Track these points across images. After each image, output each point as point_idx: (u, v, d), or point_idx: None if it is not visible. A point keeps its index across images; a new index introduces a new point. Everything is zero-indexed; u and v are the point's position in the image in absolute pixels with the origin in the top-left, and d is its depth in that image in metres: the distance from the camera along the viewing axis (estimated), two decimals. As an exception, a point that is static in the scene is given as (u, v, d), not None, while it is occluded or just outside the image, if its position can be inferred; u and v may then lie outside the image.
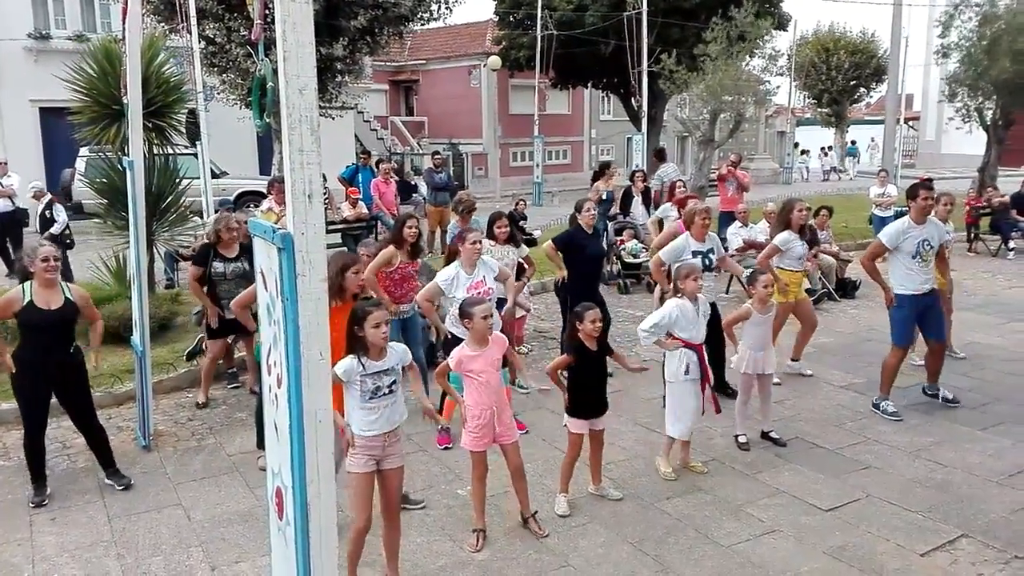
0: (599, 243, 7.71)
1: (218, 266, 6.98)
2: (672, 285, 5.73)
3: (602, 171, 13.77)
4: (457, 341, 5.89)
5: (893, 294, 6.56)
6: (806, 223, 7.59)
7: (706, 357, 5.57)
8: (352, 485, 4.12)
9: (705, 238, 6.81)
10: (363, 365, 4.01)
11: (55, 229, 11.20)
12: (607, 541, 4.76)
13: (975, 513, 4.99)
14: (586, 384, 5.06)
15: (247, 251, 7.09)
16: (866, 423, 6.49)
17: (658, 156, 14.60)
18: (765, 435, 6.16)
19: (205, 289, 7.00)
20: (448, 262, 6.34)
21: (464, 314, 4.69)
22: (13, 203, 12.33)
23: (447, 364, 4.76)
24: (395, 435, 4.16)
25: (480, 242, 6.09)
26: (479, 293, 5.88)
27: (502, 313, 6.44)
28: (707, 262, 6.76)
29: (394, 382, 4.11)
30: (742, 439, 6.06)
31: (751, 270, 6.45)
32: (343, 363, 4.00)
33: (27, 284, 5.32)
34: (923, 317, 6.63)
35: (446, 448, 6.06)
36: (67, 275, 10.49)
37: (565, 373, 5.12)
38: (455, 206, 8.91)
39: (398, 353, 4.19)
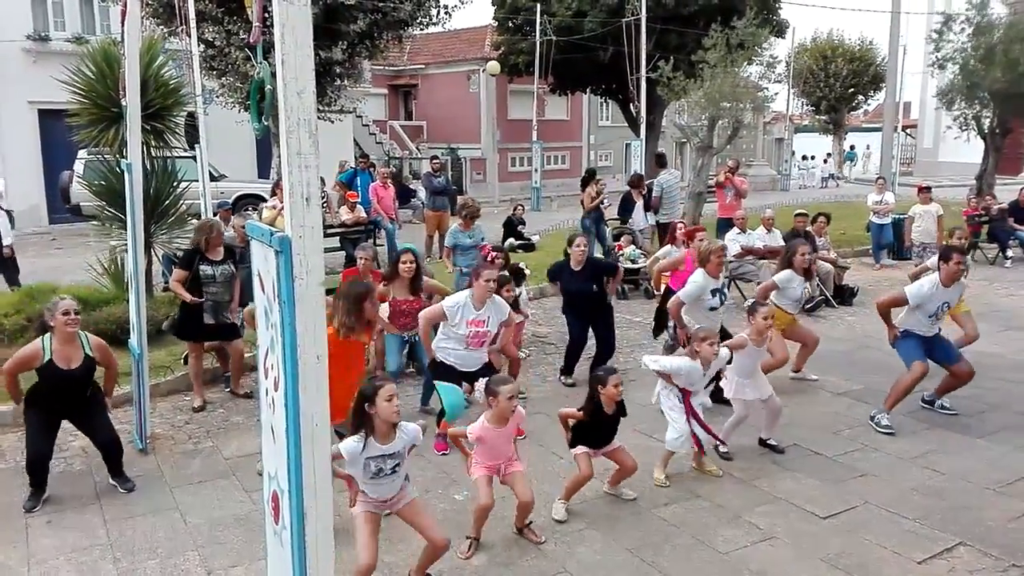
0: (583, 280, 7.49)
1: (207, 269, 7.01)
2: (687, 345, 5.66)
3: (591, 176, 13.84)
4: (441, 365, 5.90)
5: (899, 331, 6.57)
6: (810, 266, 7.52)
7: (695, 407, 5.54)
8: (356, 524, 4.04)
9: (719, 276, 6.86)
10: (367, 447, 3.93)
11: (5, 241, 10.81)
12: (604, 547, 4.75)
13: (973, 521, 4.98)
14: (592, 435, 5.09)
15: (231, 253, 7.26)
16: (863, 430, 6.49)
17: (658, 162, 14.62)
18: (763, 442, 6.15)
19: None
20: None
21: (490, 392, 4.63)
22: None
23: (463, 430, 4.78)
24: (399, 491, 4.13)
25: (494, 281, 5.99)
26: (478, 332, 5.89)
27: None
28: (722, 299, 6.87)
29: (398, 465, 4.05)
30: (723, 448, 6.00)
31: (751, 301, 6.43)
32: (347, 444, 3.93)
33: (46, 338, 5.25)
34: (930, 349, 6.59)
35: (443, 454, 6.04)
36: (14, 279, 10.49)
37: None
38: (459, 210, 8.93)
39: (409, 436, 4.09)
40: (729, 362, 5.84)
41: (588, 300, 7.53)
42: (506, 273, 7.13)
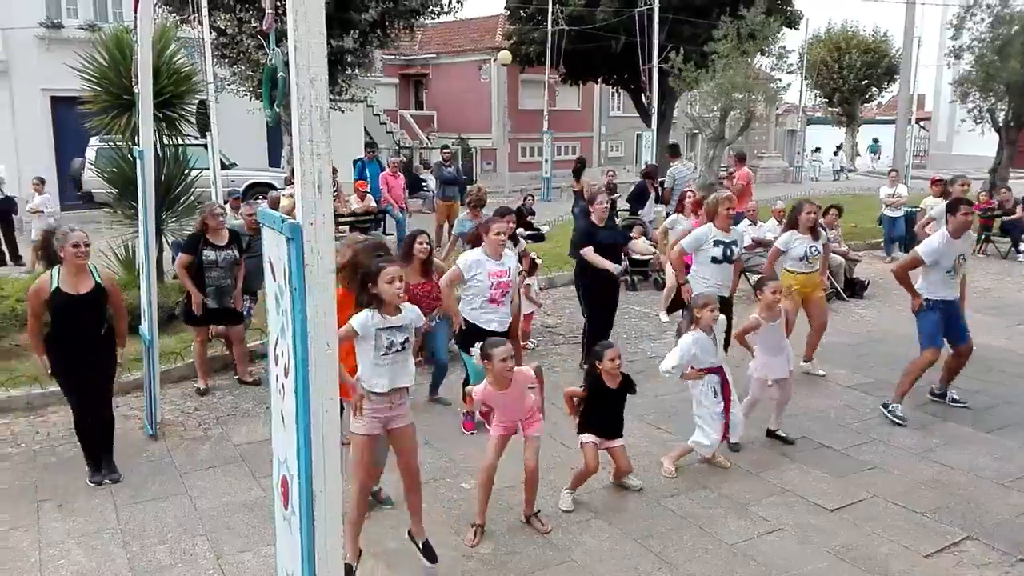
0: (612, 232, 7.59)
1: (210, 254, 7.09)
2: (689, 316, 5.60)
3: (583, 166, 13.91)
4: (472, 329, 5.88)
5: (923, 299, 6.49)
6: (815, 224, 7.51)
7: (728, 378, 5.55)
8: (354, 446, 4.16)
9: (729, 229, 6.80)
10: (380, 318, 4.02)
11: None
12: (611, 537, 4.76)
13: (981, 515, 4.97)
14: (598, 414, 5.10)
15: (236, 240, 7.30)
16: (872, 423, 6.48)
17: (672, 152, 14.57)
18: (771, 433, 6.14)
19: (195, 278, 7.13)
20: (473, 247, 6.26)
21: (484, 355, 4.65)
22: (1, 191, 12.28)
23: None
24: (401, 395, 4.17)
25: (504, 233, 5.98)
26: (500, 283, 5.86)
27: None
28: (728, 253, 6.74)
29: (407, 339, 4.13)
30: (733, 439, 5.99)
31: (758, 277, 6.40)
32: (359, 317, 4.02)
33: (55, 270, 5.25)
34: (947, 322, 6.55)
35: (472, 433, 6.05)
36: None
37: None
38: (467, 200, 8.95)
39: (413, 313, 4.18)
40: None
41: (616, 252, 7.52)
42: (507, 208, 7.33)
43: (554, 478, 5.37)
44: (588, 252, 7.18)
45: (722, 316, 5.64)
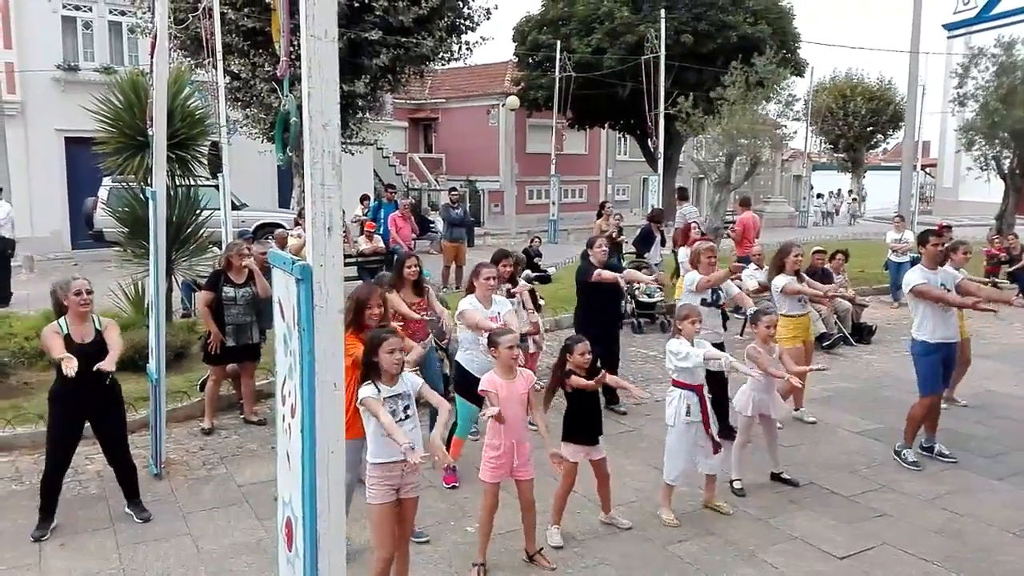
0: (612, 273, 7.68)
1: (229, 291, 7.18)
2: (672, 326, 5.67)
3: (603, 207, 14.05)
4: (467, 374, 5.92)
5: (920, 340, 6.45)
6: (800, 268, 7.56)
7: (707, 399, 5.51)
8: (374, 517, 4.18)
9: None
10: (379, 389, 4.08)
11: None
12: (616, 583, 4.70)
13: (992, 564, 4.91)
14: (577, 413, 5.12)
15: (251, 277, 7.36)
16: (881, 470, 6.42)
17: (680, 195, 14.69)
18: (776, 476, 6.10)
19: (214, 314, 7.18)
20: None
21: (491, 343, 4.79)
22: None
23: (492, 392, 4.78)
24: (413, 464, 4.16)
25: (494, 278, 6.15)
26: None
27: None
28: (715, 297, 6.93)
29: (408, 407, 4.16)
30: (737, 484, 5.96)
31: (753, 310, 6.40)
32: (365, 389, 4.08)
33: (62, 319, 5.26)
34: (945, 367, 6.55)
35: (453, 487, 6.00)
36: None
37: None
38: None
39: (410, 381, 4.25)
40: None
41: (615, 298, 7.66)
42: (505, 251, 7.38)
43: (566, 525, 5.33)
44: (597, 273, 7.34)
45: (726, 356, 5.62)
